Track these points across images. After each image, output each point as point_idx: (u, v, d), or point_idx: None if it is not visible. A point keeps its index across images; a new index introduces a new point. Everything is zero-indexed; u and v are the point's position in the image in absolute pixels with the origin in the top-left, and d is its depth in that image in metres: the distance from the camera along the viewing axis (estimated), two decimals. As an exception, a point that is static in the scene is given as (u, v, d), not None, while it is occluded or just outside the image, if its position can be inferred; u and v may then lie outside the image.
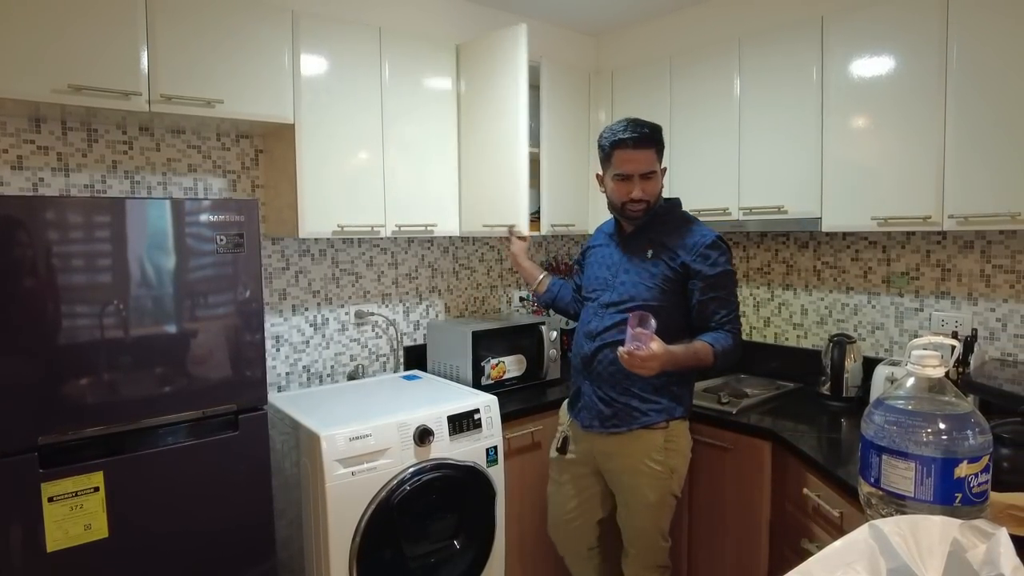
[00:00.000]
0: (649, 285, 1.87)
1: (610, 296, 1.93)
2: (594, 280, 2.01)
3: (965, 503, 0.90)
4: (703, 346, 1.80)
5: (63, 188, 1.98)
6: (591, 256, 2.09)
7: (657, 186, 1.90)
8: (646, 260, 1.90)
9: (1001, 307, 2.10)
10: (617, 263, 1.96)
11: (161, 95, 1.82)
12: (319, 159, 2.14)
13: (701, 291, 1.84)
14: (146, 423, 1.65)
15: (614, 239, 2.02)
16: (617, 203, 1.92)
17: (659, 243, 1.89)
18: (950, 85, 1.87)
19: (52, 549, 1.51)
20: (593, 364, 1.92)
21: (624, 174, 1.86)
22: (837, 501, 1.66)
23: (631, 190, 1.87)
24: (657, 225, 1.93)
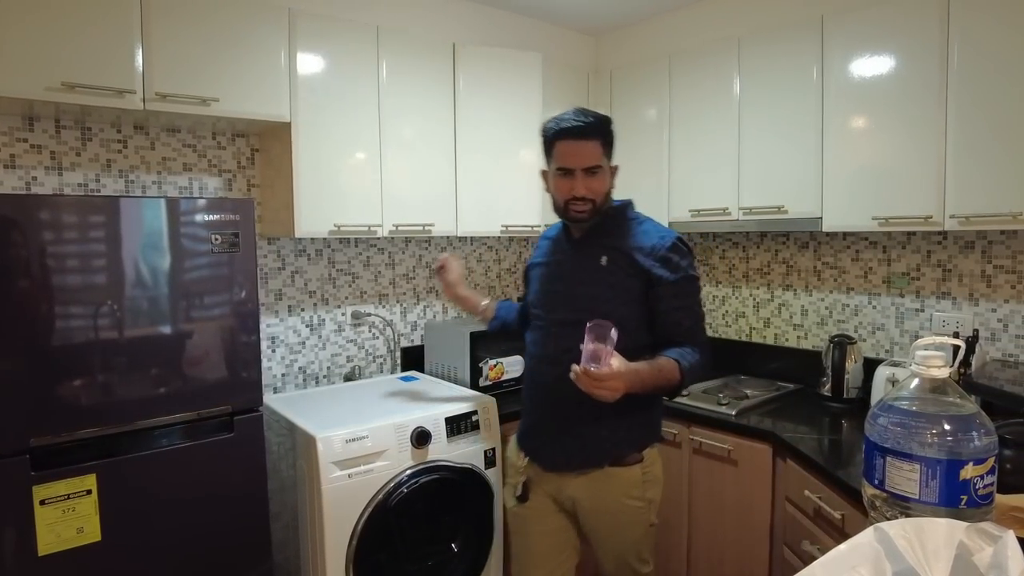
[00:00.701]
0: (608, 296, 1.60)
1: (566, 312, 1.64)
2: (545, 294, 1.72)
3: (971, 505, 0.88)
4: (668, 362, 1.54)
5: (56, 187, 1.96)
6: (538, 268, 1.79)
7: (604, 184, 1.64)
8: (601, 268, 1.62)
9: (1002, 307, 2.09)
10: (570, 273, 1.67)
11: (156, 93, 1.80)
12: (316, 158, 2.13)
13: (664, 300, 1.60)
14: (140, 425, 1.63)
15: (563, 246, 1.74)
16: (560, 202, 1.65)
17: (613, 248, 1.63)
18: (951, 85, 1.85)
19: (44, 553, 1.49)
20: (557, 394, 1.60)
21: (566, 168, 1.61)
22: (839, 503, 1.65)
23: (573, 187, 1.60)
24: (609, 228, 1.67)
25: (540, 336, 1.70)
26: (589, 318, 1.47)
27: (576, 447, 1.63)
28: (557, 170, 1.63)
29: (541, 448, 1.70)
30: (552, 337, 1.66)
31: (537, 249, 1.85)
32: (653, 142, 2.69)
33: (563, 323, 1.63)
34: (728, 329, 2.89)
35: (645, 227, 1.67)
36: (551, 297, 1.70)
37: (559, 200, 1.65)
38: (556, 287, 1.70)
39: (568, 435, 1.63)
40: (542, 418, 1.69)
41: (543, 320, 1.70)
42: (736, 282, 2.86)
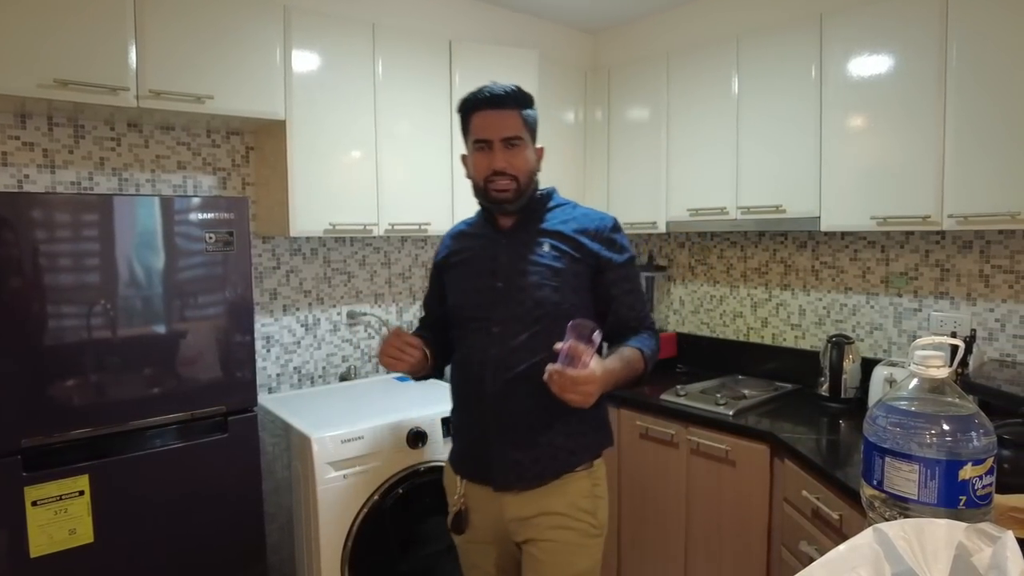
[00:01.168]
0: (555, 285, 1.44)
1: (511, 309, 1.45)
2: (478, 293, 1.50)
3: (970, 506, 0.87)
4: (633, 353, 1.43)
5: (49, 185, 1.95)
6: (459, 267, 1.57)
7: (527, 160, 1.46)
8: (545, 255, 1.46)
9: (1000, 307, 2.09)
10: (507, 267, 1.47)
11: (150, 91, 1.79)
12: (311, 156, 2.12)
13: (616, 284, 1.49)
14: (133, 425, 1.62)
15: (490, 238, 1.54)
16: (479, 180, 1.48)
17: (555, 233, 1.49)
18: (950, 83, 1.85)
19: (36, 555, 1.48)
20: (505, 402, 1.44)
21: (483, 139, 1.44)
22: (836, 503, 1.64)
23: (492, 161, 1.43)
24: (542, 214, 1.52)
25: (480, 340, 1.48)
26: (538, 312, 1.42)
27: (529, 460, 1.44)
28: (474, 143, 1.46)
29: (488, 467, 1.47)
30: (496, 339, 1.45)
31: (444, 248, 1.64)
32: (651, 141, 2.68)
33: (508, 321, 1.45)
34: (726, 329, 2.89)
35: (581, 210, 1.55)
36: (488, 295, 1.48)
37: (478, 179, 1.48)
38: (492, 283, 1.48)
39: (519, 448, 1.44)
40: (486, 432, 1.46)
41: (482, 322, 1.48)
42: (734, 282, 2.85)
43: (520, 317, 1.44)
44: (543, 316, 1.43)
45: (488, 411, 1.46)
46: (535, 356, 1.40)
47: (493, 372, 1.44)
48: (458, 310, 1.54)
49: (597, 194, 2.90)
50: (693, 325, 3.01)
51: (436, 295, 1.66)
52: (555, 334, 1.31)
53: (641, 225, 2.73)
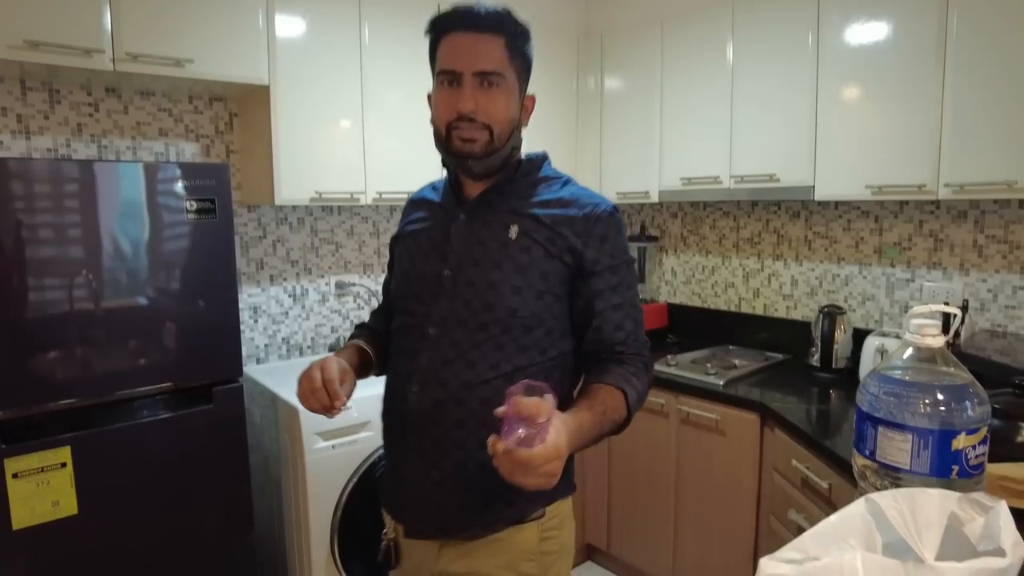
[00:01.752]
0: (516, 285, 1.07)
1: (450, 309, 1.09)
2: (416, 282, 1.15)
3: (962, 475, 0.86)
4: (612, 397, 1.05)
5: (24, 152, 1.89)
6: (405, 244, 1.22)
7: (506, 107, 1.08)
8: (510, 244, 1.09)
9: (992, 278, 2.08)
10: (460, 249, 1.11)
11: (127, 53, 1.73)
12: (296, 123, 2.06)
13: (600, 295, 1.10)
14: (115, 396, 1.60)
15: (448, 208, 1.17)
16: (440, 127, 1.10)
17: (527, 215, 1.11)
18: (950, 52, 1.81)
19: (18, 527, 1.46)
20: (430, 431, 1.09)
21: (451, 71, 1.07)
22: (826, 473, 1.64)
23: (459, 100, 1.06)
24: (520, 187, 1.15)
25: (411, 342, 1.13)
26: (487, 317, 1.06)
27: (455, 505, 1.09)
28: (440, 74, 1.08)
29: (405, 505, 1.14)
30: (430, 344, 1.10)
31: (404, 215, 1.29)
32: (644, 109, 2.63)
33: (449, 323, 1.09)
34: (717, 299, 2.87)
35: (571, 189, 1.16)
36: (428, 284, 1.12)
37: (439, 124, 1.10)
38: (435, 268, 1.12)
39: (442, 489, 1.09)
40: (404, 461, 1.13)
41: (414, 318, 1.13)
42: (726, 252, 2.83)
43: (463, 320, 1.08)
44: (493, 323, 1.07)
45: (408, 435, 1.11)
46: (476, 375, 1.07)
47: (421, 386, 1.09)
48: (395, 299, 1.21)
49: (589, 163, 2.85)
50: (685, 296, 2.99)
51: (389, 276, 1.31)
52: (507, 351, 1.06)
53: (634, 195, 2.70)
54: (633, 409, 1.08)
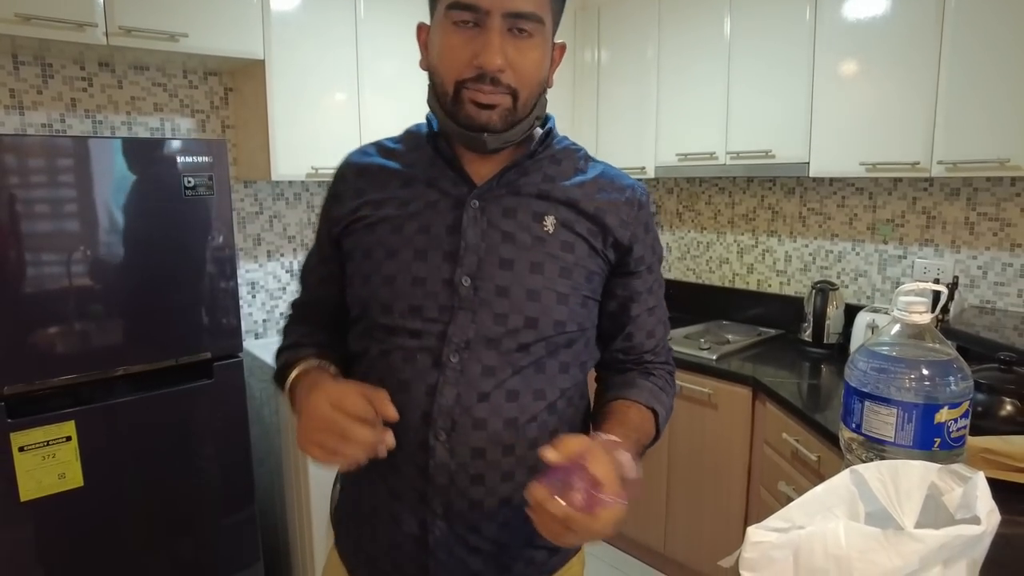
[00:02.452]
0: (564, 292, 0.85)
1: (478, 328, 0.82)
2: (414, 291, 0.84)
3: (943, 448, 0.90)
4: (644, 420, 0.89)
5: (18, 127, 1.88)
6: (375, 234, 0.87)
7: (540, 65, 0.84)
8: (547, 240, 0.85)
9: (983, 255, 2.10)
10: (479, 247, 0.84)
11: (120, 27, 1.71)
12: (291, 98, 2.05)
13: (637, 297, 0.93)
14: (117, 372, 1.62)
15: (445, 194, 0.87)
16: (447, 82, 0.82)
17: (561, 201, 0.87)
18: (946, 28, 1.80)
19: (26, 499, 1.50)
20: (466, 487, 0.83)
21: (473, 6, 0.77)
22: (815, 445, 1.68)
23: (482, 50, 0.78)
24: (543, 162, 0.90)
25: (416, 376, 0.83)
26: (531, 336, 0.83)
27: (494, 568, 0.87)
28: (453, 7, 0.78)
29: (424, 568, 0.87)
30: (451, 377, 0.82)
31: (346, 189, 0.91)
32: (641, 83, 2.62)
33: (477, 347, 0.82)
34: (711, 275, 2.90)
35: (597, 165, 0.94)
36: (434, 295, 0.83)
37: (445, 79, 0.81)
38: (442, 273, 0.83)
39: (482, 553, 0.86)
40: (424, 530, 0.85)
41: (418, 341, 0.83)
42: (721, 228, 2.84)
43: (497, 341, 0.82)
44: (537, 343, 0.83)
45: (433, 499, 0.84)
46: (521, 410, 0.83)
47: (450, 433, 0.82)
48: (377, 311, 0.85)
49: (586, 139, 2.85)
50: (679, 271, 3.02)
51: (329, 272, 0.94)
52: (549, 373, 0.85)
53: (630, 170, 2.70)
54: (661, 430, 0.93)
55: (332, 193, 0.94)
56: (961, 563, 0.66)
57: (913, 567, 0.63)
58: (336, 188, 0.93)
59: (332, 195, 0.93)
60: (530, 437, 0.84)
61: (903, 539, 0.63)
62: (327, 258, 0.95)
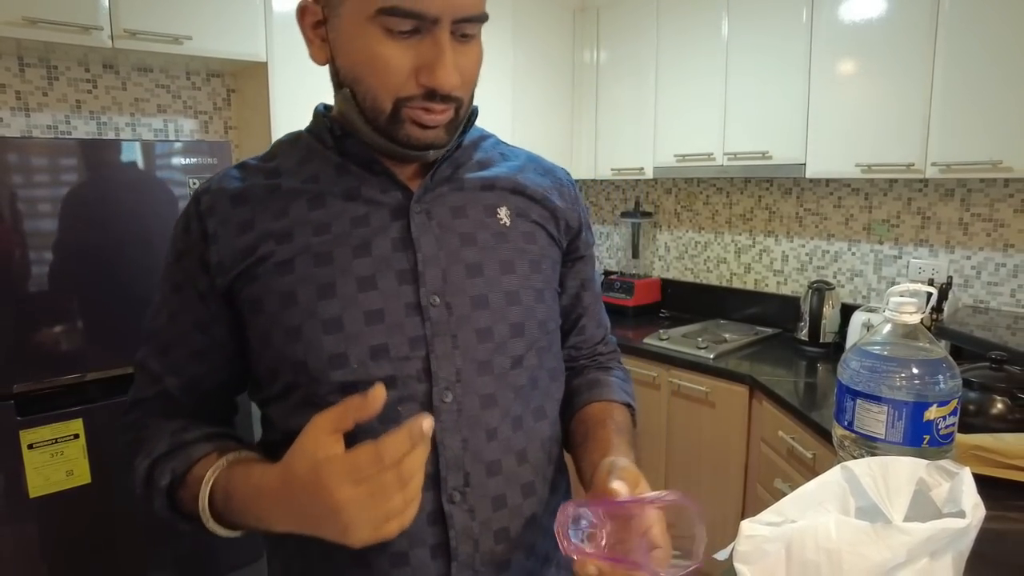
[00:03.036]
0: (539, 287, 0.77)
1: (464, 349, 0.70)
2: (370, 332, 0.67)
3: (932, 444, 0.92)
4: (624, 416, 0.82)
5: (24, 129, 1.90)
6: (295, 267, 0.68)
7: (480, 64, 0.70)
8: (508, 233, 0.76)
9: (977, 255, 2.13)
10: (438, 258, 0.71)
11: (124, 30, 1.73)
12: (293, 99, 2.07)
13: (587, 284, 0.87)
14: (125, 370, 1.64)
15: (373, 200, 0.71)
16: (384, 100, 0.66)
17: (507, 189, 0.78)
18: (940, 30, 1.83)
19: (35, 495, 1.52)
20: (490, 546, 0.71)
21: (417, 14, 0.61)
22: (811, 443, 1.71)
23: (432, 69, 0.63)
24: (467, 147, 0.80)
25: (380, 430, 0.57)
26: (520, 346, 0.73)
27: None
28: (384, 14, 0.62)
29: None
30: (449, 422, 0.69)
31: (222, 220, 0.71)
32: (640, 84, 2.65)
33: (464, 376, 0.70)
34: (709, 275, 2.92)
35: (517, 150, 0.85)
36: (400, 328, 0.68)
37: (380, 94, 0.66)
38: (402, 299, 0.69)
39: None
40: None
41: (395, 391, 0.66)
42: (719, 228, 2.87)
43: (488, 363, 0.71)
44: (528, 353, 0.74)
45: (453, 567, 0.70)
46: (528, 438, 0.74)
47: (464, 492, 0.69)
48: (322, 369, 0.67)
49: (585, 139, 2.87)
50: (677, 271, 3.04)
51: (210, 341, 0.73)
52: (541, 384, 0.76)
53: (628, 171, 2.73)
54: (636, 424, 0.86)
55: (199, 234, 0.71)
56: (947, 556, 0.68)
57: (901, 559, 0.66)
58: (206, 226, 0.70)
59: (199, 236, 0.71)
60: (540, 467, 0.74)
61: (891, 532, 0.66)
62: (204, 321, 0.71)
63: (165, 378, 0.74)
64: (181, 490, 0.67)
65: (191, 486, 0.65)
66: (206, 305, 0.71)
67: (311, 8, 0.68)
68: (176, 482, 0.67)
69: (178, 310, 0.73)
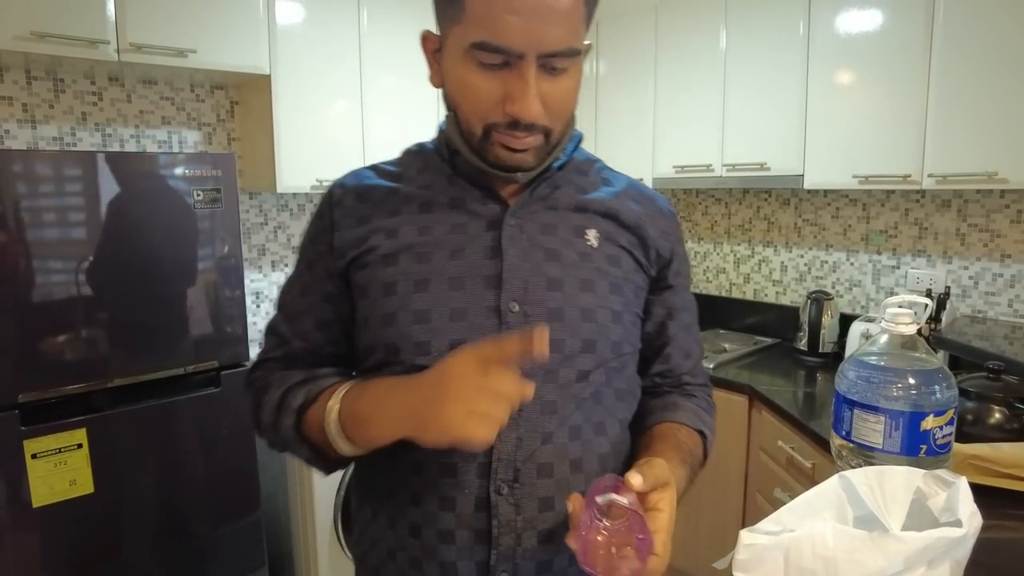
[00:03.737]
0: (617, 310, 0.79)
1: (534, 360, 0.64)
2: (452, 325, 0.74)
3: (929, 454, 0.93)
4: (691, 439, 0.85)
5: (31, 141, 1.92)
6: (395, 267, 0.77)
7: (575, 95, 0.74)
8: (592, 254, 0.79)
9: (974, 265, 2.14)
10: (522, 268, 0.76)
11: (131, 44, 1.76)
12: (297, 111, 2.09)
13: (675, 314, 0.88)
14: (127, 381, 1.65)
15: (473, 211, 0.79)
16: (474, 126, 0.73)
17: (600, 213, 0.81)
18: (936, 42, 1.85)
19: (38, 504, 1.52)
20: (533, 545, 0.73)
21: (503, 49, 0.66)
22: (810, 453, 1.72)
23: (518, 97, 0.68)
24: (571, 172, 0.84)
25: None
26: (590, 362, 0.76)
27: None
28: (476, 49, 0.67)
29: None
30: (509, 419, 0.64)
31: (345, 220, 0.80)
32: (639, 96, 2.67)
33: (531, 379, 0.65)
34: (708, 285, 2.94)
35: (619, 176, 0.88)
36: (477, 326, 0.74)
37: (472, 118, 0.72)
38: (483, 300, 0.75)
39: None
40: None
41: None
42: (718, 238, 2.89)
43: (553, 371, 0.75)
44: (596, 370, 0.77)
45: (501, 563, 0.73)
46: (585, 449, 0.76)
47: (511, 486, 0.73)
48: (410, 353, 0.74)
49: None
50: (677, 281, 3.05)
51: (334, 313, 0.82)
52: (606, 403, 0.78)
53: (628, 182, 2.74)
54: (708, 454, 0.88)
55: (329, 221, 0.80)
56: (944, 564, 0.69)
57: (898, 567, 0.66)
58: (333, 215, 0.80)
59: (328, 223, 0.80)
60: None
61: (888, 541, 0.66)
62: (332, 296, 0.80)
63: (292, 341, 0.83)
64: (310, 408, 0.76)
65: (321, 402, 0.74)
66: (332, 282, 0.80)
67: (432, 37, 0.76)
68: (307, 403, 0.76)
69: (309, 284, 0.82)
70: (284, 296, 0.86)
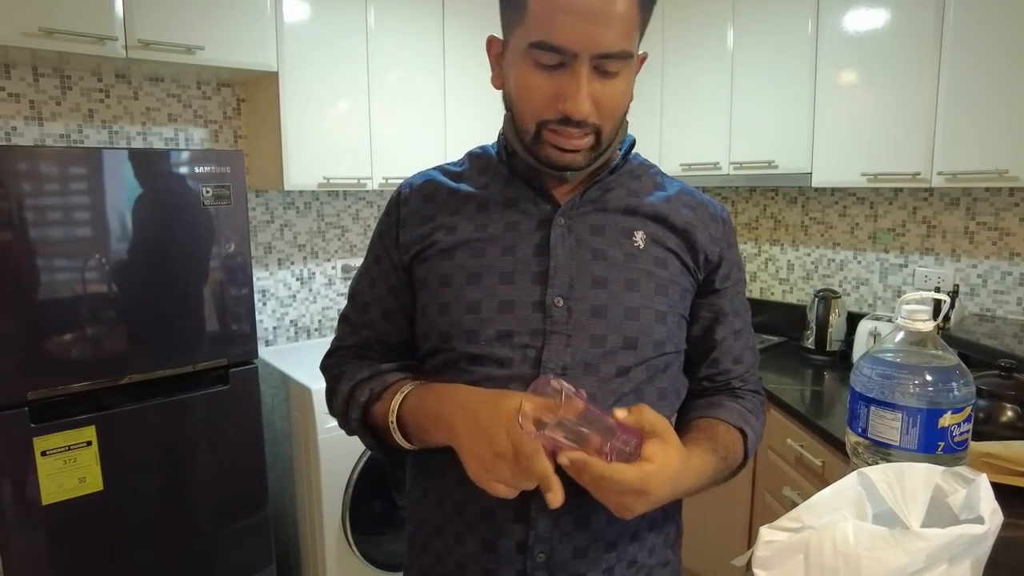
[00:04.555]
0: (662, 311, 0.81)
1: (575, 349, 0.77)
2: (501, 316, 0.79)
3: (947, 451, 0.92)
4: (732, 438, 0.85)
5: (38, 138, 1.92)
6: (451, 260, 0.82)
7: (627, 97, 0.78)
8: (639, 256, 0.82)
9: (982, 263, 2.14)
10: (569, 266, 0.80)
11: (138, 40, 1.75)
12: (303, 109, 2.09)
13: (723, 319, 0.89)
14: (137, 378, 1.65)
15: (527, 210, 0.83)
16: (528, 124, 0.77)
17: (649, 216, 0.84)
18: (945, 40, 1.85)
19: (47, 502, 1.52)
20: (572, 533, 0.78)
21: (558, 48, 0.71)
22: (819, 451, 1.71)
23: (569, 96, 0.72)
24: (624, 176, 0.87)
25: None
26: (630, 359, 0.79)
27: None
28: (535, 46, 0.72)
29: None
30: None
31: (411, 216, 0.87)
32: (645, 94, 2.67)
33: (569, 373, 0.77)
34: (715, 283, 2.93)
35: (674, 182, 0.90)
36: (524, 319, 0.78)
37: (526, 118, 0.77)
38: (531, 294, 0.79)
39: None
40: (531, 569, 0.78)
41: (505, 370, 0.78)
42: (724, 237, 2.88)
43: (595, 366, 0.78)
44: (637, 367, 0.79)
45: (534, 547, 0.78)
46: None
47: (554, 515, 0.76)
48: (460, 340, 0.79)
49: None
50: (683, 280, 3.05)
51: (399, 303, 0.88)
52: (647, 400, 0.77)
53: (634, 180, 2.74)
54: (749, 454, 0.88)
55: (396, 218, 0.88)
56: (966, 561, 0.68)
57: (919, 565, 0.66)
58: (401, 213, 0.88)
59: (396, 220, 0.87)
60: None
61: (910, 538, 0.66)
62: (396, 288, 0.87)
63: (362, 330, 0.90)
64: (376, 404, 0.83)
65: (385, 400, 0.82)
66: (396, 275, 0.87)
67: (495, 41, 0.82)
68: (372, 399, 0.84)
69: (377, 277, 0.89)
70: (355, 287, 0.93)
